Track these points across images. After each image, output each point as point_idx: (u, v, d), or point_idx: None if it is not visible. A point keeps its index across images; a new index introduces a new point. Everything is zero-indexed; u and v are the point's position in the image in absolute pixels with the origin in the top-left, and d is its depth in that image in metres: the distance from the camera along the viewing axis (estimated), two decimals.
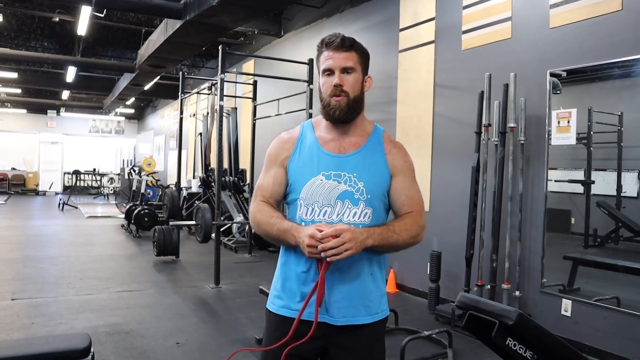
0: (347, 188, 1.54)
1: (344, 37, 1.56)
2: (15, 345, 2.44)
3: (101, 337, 3.79)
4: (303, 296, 1.54)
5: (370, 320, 1.57)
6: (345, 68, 1.54)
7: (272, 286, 1.67)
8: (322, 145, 1.60)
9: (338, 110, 1.55)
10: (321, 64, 1.58)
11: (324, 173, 1.55)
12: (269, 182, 1.63)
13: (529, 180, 4.11)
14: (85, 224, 10.82)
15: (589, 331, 3.64)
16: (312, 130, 1.64)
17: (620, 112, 3.74)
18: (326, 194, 1.54)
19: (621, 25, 3.47)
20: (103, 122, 21.66)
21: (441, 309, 4.46)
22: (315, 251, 1.42)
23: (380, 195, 1.58)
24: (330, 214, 1.54)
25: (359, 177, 1.56)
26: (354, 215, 1.54)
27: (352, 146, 1.60)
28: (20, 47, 10.62)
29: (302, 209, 1.56)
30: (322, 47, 1.58)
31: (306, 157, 1.59)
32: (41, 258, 6.76)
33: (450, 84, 4.98)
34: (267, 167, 1.65)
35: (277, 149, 1.65)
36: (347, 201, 1.54)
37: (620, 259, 3.70)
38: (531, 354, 1.62)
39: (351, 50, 1.55)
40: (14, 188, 19.18)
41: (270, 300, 1.65)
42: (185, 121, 8.71)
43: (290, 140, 1.64)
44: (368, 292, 1.58)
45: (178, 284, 5.61)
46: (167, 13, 6.72)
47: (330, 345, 1.57)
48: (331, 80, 1.55)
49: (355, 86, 1.56)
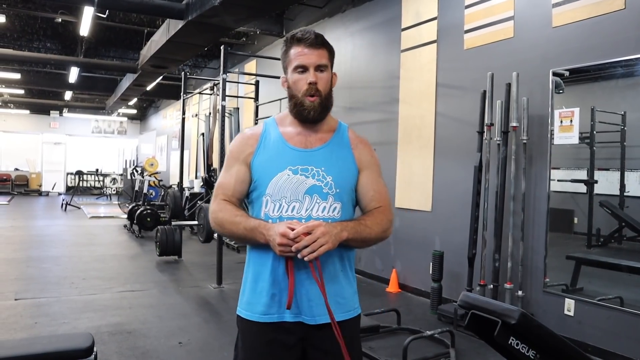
0: (316, 182, 1.52)
1: (316, 33, 1.53)
2: (19, 345, 2.44)
3: (104, 336, 3.79)
4: (274, 298, 1.51)
5: (344, 318, 1.56)
6: (320, 66, 1.52)
7: (242, 290, 1.60)
8: (288, 140, 1.56)
9: (312, 111, 1.52)
10: (292, 59, 1.53)
11: (291, 168, 1.52)
12: (230, 181, 1.57)
13: (531, 179, 4.10)
14: (88, 224, 10.84)
15: (592, 331, 3.63)
16: (276, 127, 1.60)
17: (623, 112, 3.73)
18: (294, 189, 1.51)
19: (624, 24, 3.46)
20: (105, 122, 21.70)
21: (444, 309, 4.45)
22: (287, 250, 1.39)
23: (348, 190, 1.57)
24: (299, 209, 1.50)
25: (327, 171, 1.53)
26: (323, 210, 1.52)
27: (319, 141, 1.57)
28: (23, 48, 10.64)
29: (269, 205, 1.51)
30: (291, 42, 1.54)
31: (271, 153, 1.55)
32: (44, 258, 6.78)
33: (452, 83, 4.97)
34: (228, 165, 1.60)
35: (240, 145, 1.60)
36: (315, 196, 1.51)
37: (623, 259, 3.69)
38: (534, 353, 1.61)
39: (323, 47, 1.53)
40: (17, 188, 19.23)
41: (241, 307, 1.58)
42: (187, 121, 8.72)
43: (253, 137, 1.59)
44: (341, 290, 1.56)
45: (180, 284, 5.62)
46: (169, 13, 6.72)
47: (308, 347, 1.54)
48: (305, 77, 1.51)
49: (327, 84, 1.55)
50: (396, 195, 5.58)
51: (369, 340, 3.74)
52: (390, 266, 5.63)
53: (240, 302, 1.58)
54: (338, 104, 6.64)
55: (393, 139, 5.66)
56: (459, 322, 4.05)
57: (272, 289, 1.51)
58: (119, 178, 18.66)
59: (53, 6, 7.99)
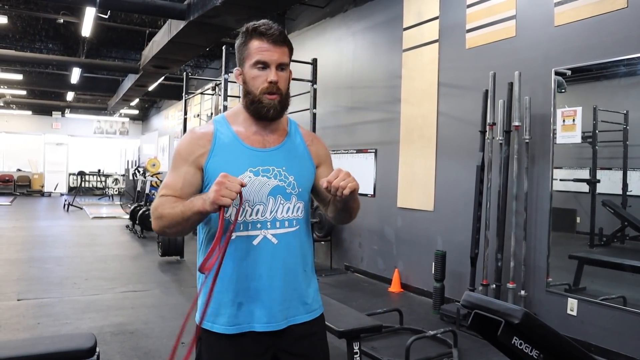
0: (278, 183, 1.47)
1: (280, 29, 1.46)
2: (21, 345, 2.44)
3: (106, 337, 3.80)
4: (241, 307, 1.44)
5: (309, 318, 1.54)
6: (281, 64, 1.45)
7: (203, 300, 1.44)
8: (244, 140, 1.48)
9: (272, 110, 1.46)
10: (252, 53, 1.44)
11: (252, 169, 1.44)
12: (177, 182, 1.45)
13: (534, 179, 4.09)
14: (90, 225, 10.86)
15: (595, 330, 3.62)
16: (228, 125, 1.50)
17: (625, 111, 3.72)
18: (257, 192, 1.44)
19: (627, 22, 3.45)
20: (107, 123, 21.73)
21: (446, 309, 4.44)
22: (226, 193, 1.26)
23: (308, 188, 1.55)
24: (263, 212, 1.45)
25: (288, 170, 1.49)
26: (288, 211, 1.48)
27: (275, 140, 1.52)
28: (25, 49, 10.67)
29: (230, 209, 1.39)
30: (252, 34, 1.44)
31: (227, 154, 1.45)
32: (46, 258, 6.79)
33: (454, 83, 4.97)
34: (176, 166, 1.48)
35: (189, 146, 1.47)
36: (279, 197, 1.47)
37: (626, 258, 3.68)
38: (537, 353, 1.61)
39: (285, 45, 1.46)
40: (20, 189, 19.27)
41: (205, 318, 1.45)
42: (189, 122, 8.71)
43: (204, 137, 1.47)
44: (303, 290, 1.53)
45: (183, 284, 5.62)
46: (170, 14, 6.73)
47: (278, 352, 1.50)
48: (265, 75, 1.44)
49: (287, 83, 1.49)
50: (398, 194, 5.58)
51: (372, 340, 3.74)
52: (393, 266, 5.63)
53: (203, 313, 1.43)
54: (340, 104, 6.69)
55: (395, 138, 5.66)
56: (462, 322, 4.05)
57: (238, 297, 1.44)
58: (121, 179, 18.68)
59: (55, 7, 8.01)
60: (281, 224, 1.47)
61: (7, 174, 19.52)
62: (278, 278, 1.46)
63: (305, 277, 1.54)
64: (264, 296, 1.45)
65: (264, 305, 1.45)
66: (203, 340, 1.49)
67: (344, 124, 6.63)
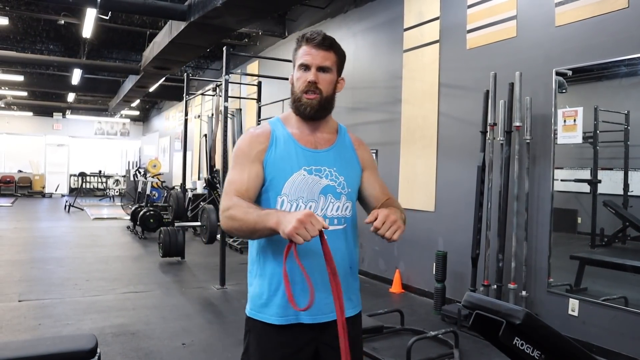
0: (329, 182, 1.55)
1: (326, 35, 1.56)
2: (23, 346, 2.44)
3: (107, 338, 3.80)
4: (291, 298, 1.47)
5: (353, 313, 1.61)
6: (322, 67, 1.54)
7: (254, 292, 1.56)
8: (298, 141, 1.57)
9: (309, 108, 1.54)
10: (298, 57, 1.57)
11: (305, 168, 1.54)
12: (243, 177, 1.52)
13: (535, 179, 4.09)
14: (91, 226, 10.86)
15: (597, 331, 3.62)
16: (283, 127, 1.61)
17: (627, 111, 3.72)
18: (309, 189, 1.53)
19: (627, 22, 3.45)
20: (108, 124, 21.75)
21: (447, 309, 4.44)
22: (302, 231, 1.27)
23: (356, 189, 1.64)
24: (315, 209, 1.53)
25: (338, 171, 1.57)
26: (337, 209, 1.56)
27: (326, 142, 1.61)
28: (26, 50, 10.68)
29: (285, 205, 1.51)
30: (301, 42, 1.57)
31: (284, 152, 1.54)
32: (48, 260, 6.79)
33: (455, 83, 4.97)
34: (239, 162, 1.54)
35: (250, 143, 1.56)
36: (329, 195, 1.55)
37: (627, 259, 3.68)
38: (539, 353, 1.61)
39: (330, 50, 1.55)
40: (21, 190, 19.29)
41: (254, 309, 1.55)
42: (190, 123, 8.73)
43: (263, 134, 1.57)
44: (349, 285, 1.59)
45: (184, 285, 5.62)
46: (171, 15, 6.73)
47: (319, 345, 1.55)
48: (306, 76, 1.53)
49: (330, 86, 1.56)
50: (399, 195, 5.57)
51: (373, 341, 3.73)
52: (394, 267, 5.62)
53: (253, 304, 1.56)
54: (340, 104, 6.65)
55: (396, 139, 5.66)
56: (463, 322, 4.05)
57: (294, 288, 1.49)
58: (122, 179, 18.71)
59: (56, 8, 8.01)
60: (330, 221, 1.54)
61: (8, 175, 19.54)
62: (327, 272, 1.49)
63: (351, 273, 1.61)
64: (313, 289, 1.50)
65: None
66: (251, 330, 1.57)
67: (345, 125, 6.55)
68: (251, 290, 1.59)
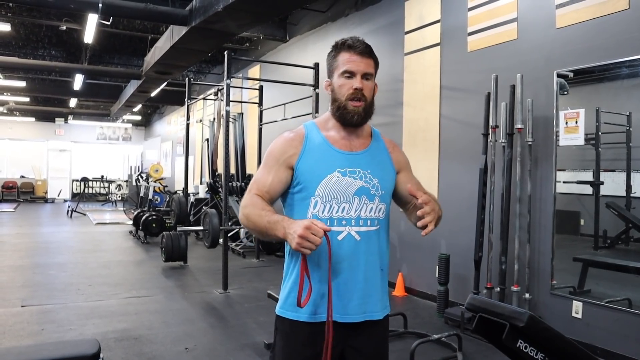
0: (363, 184, 1.57)
1: (365, 42, 1.59)
2: (25, 352, 2.44)
3: (110, 343, 3.79)
4: (324, 297, 1.52)
5: (382, 316, 1.62)
6: (366, 74, 1.57)
7: (286, 293, 1.59)
8: (333, 144, 1.60)
9: (357, 116, 1.57)
10: (340, 64, 1.58)
11: (340, 170, 1.56)
12: (267, 178, 1.58)
13: (537, 181, 4.08)
14: (93, 231, 10.87)
15: (601, 333, 3.61)
16: (318, 131, 1.63)
17: (628, 112, 3.72)
18: (343, 191, 1.55)
19: (628, 24, 3.45)
20: (110, 129, 21.80)
21: (450, 312, 4.43)
22: (306, 243, 1.35)
23: (390, 191, 1.66)
24: (348, 210, 1.55)
25: (373, 173, 1.59)
26: (371, 211, 1.58)
27: (361, 145, 1.63)
28: (28, 56, 10.73)
29: (319, 206, 1.54)
30: (341, 48, 1.58)
31: (318, 155, 1.57)
32: (50, 265, 6.80)
33: (456, 86, 4.97)
34: (268, 164, 1.60)
35: (283, 146, 1.60)
36: (363, 197, 1.57)
37: (630, 260, 3.67)
38: (542, 356, 1.60)
39: (371, 57, 1.59)
40: (23, 196, 19.34)
41: (285, 308, 1.58)
42: (191, 127, 8.75)
43: (297, 139, 1.60)
44: (379, 287, 1.62)
45: (186, 290, 5.62)
46: (172, 20, 6.76)
47: (346, 347, 1.57)
48: (351, 83, 1.56)
49: (372, 92, 1.61)
50: None
51: None
52: (396, 269, 5.61)
53: (283, 303, 1.59)
54: None
55: (398, 142, 5.63)
56: (466, 325, 4.03)
57: (322, 287, 1.52)
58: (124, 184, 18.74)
59: (57, 14, 8.05)
60: (364, 222, 1.57)
61: (10, 181, 19.58)
62: (359, 273, 1.55)
63: (382, 275, 1.63)
64: (344, 289, 1.54)
65: (343, 298, 1.54)
66: (279, 328, 1.61)
67: None
68: (283, 290, 1.62)
